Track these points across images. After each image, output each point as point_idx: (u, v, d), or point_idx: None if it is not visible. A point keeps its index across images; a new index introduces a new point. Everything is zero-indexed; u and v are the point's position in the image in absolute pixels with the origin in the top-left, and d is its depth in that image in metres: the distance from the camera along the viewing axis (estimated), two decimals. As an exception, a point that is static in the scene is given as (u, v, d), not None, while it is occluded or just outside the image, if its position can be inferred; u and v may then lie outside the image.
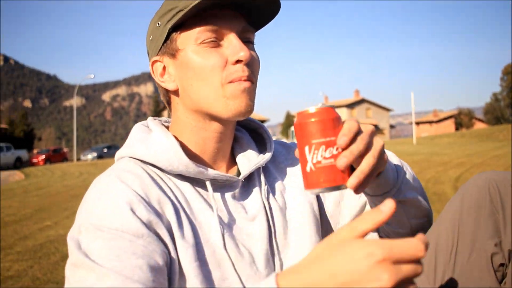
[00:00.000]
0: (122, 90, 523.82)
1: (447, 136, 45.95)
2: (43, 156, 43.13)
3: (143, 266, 0.92)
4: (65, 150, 51.46)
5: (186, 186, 1.13)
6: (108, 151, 49.15)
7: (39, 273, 5.37)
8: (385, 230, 1.28)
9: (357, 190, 0.92)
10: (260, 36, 1.27)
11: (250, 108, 1.13)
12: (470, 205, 1.17)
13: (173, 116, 1.23)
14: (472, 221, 1.16)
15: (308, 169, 0.91)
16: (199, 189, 1.15)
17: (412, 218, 1.23)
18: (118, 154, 1.19)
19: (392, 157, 1.23)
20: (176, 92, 1.19)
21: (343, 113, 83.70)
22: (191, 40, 1.12)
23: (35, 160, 42.25)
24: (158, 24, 1.16)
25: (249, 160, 1.24)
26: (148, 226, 0.99)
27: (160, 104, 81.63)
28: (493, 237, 1.13)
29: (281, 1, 1.16)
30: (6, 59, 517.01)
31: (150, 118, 1.26)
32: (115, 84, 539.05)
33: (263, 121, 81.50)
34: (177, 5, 1.09)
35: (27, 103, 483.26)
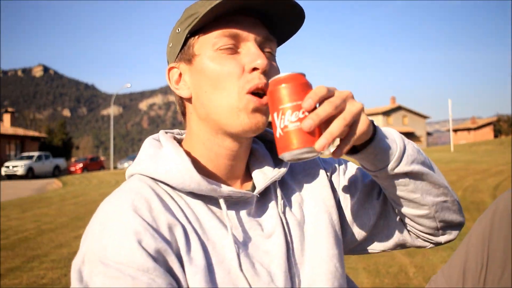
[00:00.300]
0: (158, 99, 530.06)
1: (486, 143, 45.16)
2: (81, 165, 44.06)
3: None
4: (102, 158, 52.23)
5: (198, 204, 1.08)
6: (144, 160, 49.67)
7: (72, 281, 5.38)
8: (404, 215, 1.22)
9: (334, 154, 0.94)
10: (294, 41, 1.23)
11: (262, 125, 1.08)
12: (502, 221, 1.11)
13: (187, 127, 1.19)
14: (503, 239, 1.10)
15: (277, 135, 0.93)
16: (212, 207, 1.10)
17: (427, 195, 1.16)
18: (129, 171, 1.15)
19: (392, 131, 1.16)
20: (190, 100, 1.15)
21: (379, 120, 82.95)
22: (208, 46, 1.08)
23: (72, 169, 43.13)
24: (178, 30, 1.13)
25: (265, 174, 1.20)
26: (156, 257, 0.94)
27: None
28: None
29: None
30: (46, 69, 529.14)
31: (161, 132, 1.21)
32: (151, 93, 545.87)
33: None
34: (197, 11, 1.07)
35: (66, 112, 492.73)
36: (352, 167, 1.35)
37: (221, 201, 1.09)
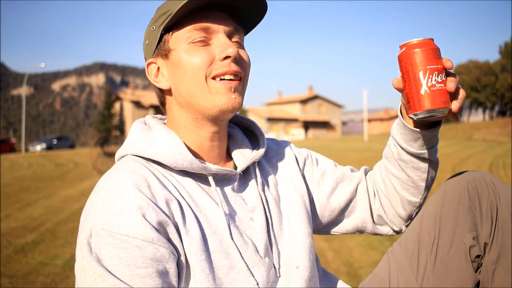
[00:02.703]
0: (72, 80, 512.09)
1: (397, 133, 46.58)
2: (-10, 146, 41.73)
3: (152, 274, 1.00)
4: (13, 140, 49.94)
5: (189, 182, 1.19)
6: (58, 143, 48.02)
7: (-9, 266, 5.24)
8: (395, 199, 1.44)
9: (457, 114, 1.14)
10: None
11: (238, 104, 1.21)
12: (451, 201, 1.28)
13: (168, 115, 1.29)
14: (452, 216, 1.26)
15: (422, 91, 1.09)
16: (201, 184, 1.21)
17: (427, 189, 1.41)
18: (120, 152, 1.24)
19: None
20: (169, 91, 1.25)
21: (296, 108, 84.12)
22: (182, 40, 1.19)
23: (-19, 150, 40.86)
24: (152, 28, 1.23)
25: (244, 155, 1.33)
26: (158, 228, 1.05)
27: (112, 96, 79.97)
28: (471, 231, 1.23)
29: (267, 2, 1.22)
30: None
31: (148, 116, 1.32)
32: (66, 73, 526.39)
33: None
34: (170, 9, 1.17)
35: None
36: (324, 159, 1.53)
37: (210, 178, 1.21)
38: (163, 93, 1.29)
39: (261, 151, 1.34)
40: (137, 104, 73.94)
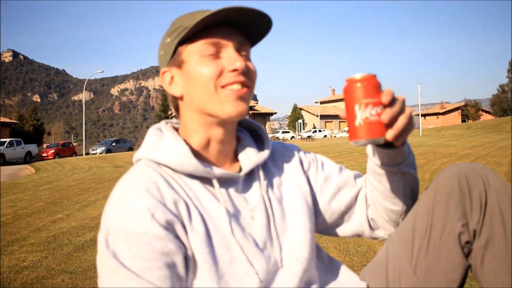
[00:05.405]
0: (130, 84, 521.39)
1: (454, 128, 45.50)
2: (53, 151, 43.18)
3: (161, 266, 1.15)
4: (74, 144, 51.30)
5: (195, 183, 1.32)
6: (116, 145, 49.13)
7: (53, 263, 5.43)
8: (379, 207, 1.50)
9: (396, 140, 1.20)
10: (271, 32, 1.42)
11: (245, 111, 1.32)
12: (443, 192, 1.35)
13: (181, 119, 1.42)
14: (444, 206, 1.34)
15: (357, 123, 1.18)
16: (207, 186, 1.34)
17: (407, 197, 1.46)
18: (136, 156, 1.38)
19: None
20: (181, 98, 1.38)
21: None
22: (195, 53, 1.31)
23: (44, 155, 42.26)
24: (167, 40, 1.36)
25: (250, 157, 1.44)
26: (166, 226, 1.19)
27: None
28: (461, 219, 1.32)
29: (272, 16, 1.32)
30: (16, 54, 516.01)
31: (163, 122, 1.45)
32: (123, 78, 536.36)
33: (270, 114, 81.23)
34: (183, 24, 1.31)
35: (36, 98, 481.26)
36: (330, 163, 1.62)
37: (214, 181, 1.34)
38: (176, 99, 1.41)
39: (265, 154, 1.46)
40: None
